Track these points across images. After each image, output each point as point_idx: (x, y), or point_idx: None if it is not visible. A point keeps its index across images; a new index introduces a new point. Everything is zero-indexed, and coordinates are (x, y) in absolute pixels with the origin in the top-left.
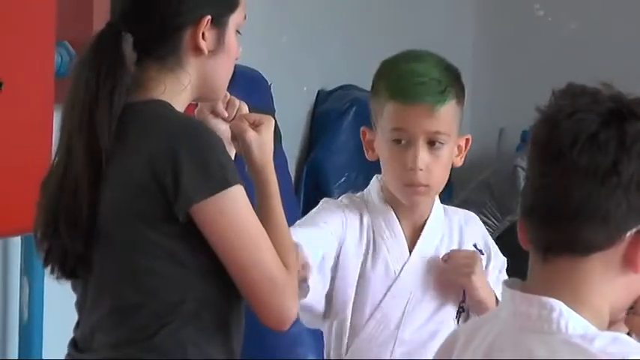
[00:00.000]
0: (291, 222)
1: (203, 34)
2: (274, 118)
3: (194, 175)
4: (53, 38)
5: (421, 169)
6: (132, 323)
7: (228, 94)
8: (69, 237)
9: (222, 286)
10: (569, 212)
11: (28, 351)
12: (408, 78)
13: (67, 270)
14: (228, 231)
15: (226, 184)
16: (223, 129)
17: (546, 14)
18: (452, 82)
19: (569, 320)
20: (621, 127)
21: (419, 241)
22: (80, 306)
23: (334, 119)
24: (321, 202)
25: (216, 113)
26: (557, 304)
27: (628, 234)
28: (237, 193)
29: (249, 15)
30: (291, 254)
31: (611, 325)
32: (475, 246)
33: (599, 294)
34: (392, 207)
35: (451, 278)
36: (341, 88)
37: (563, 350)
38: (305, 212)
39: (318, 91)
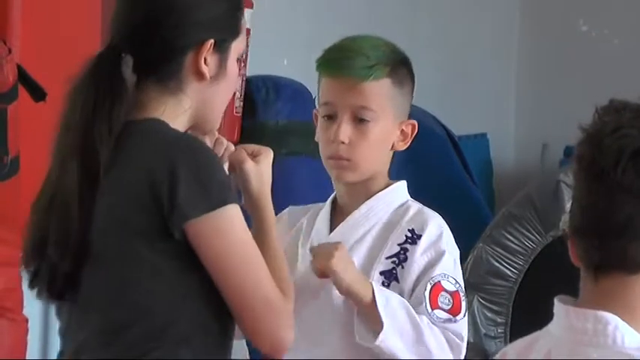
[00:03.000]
0: None
1: (205, 58)
2: (314, 133)
3: (192, 190)
4: (99, 47)
5: (343, 142)
6: (120, 343)
7: (217, 133)
8: (58, 254)
9: (214, 310)
10: (616, 231)
11: None
12: (336, 52)
13: (54, 291)
14: (225, 251)
15: (224, 202)
16: None
17: (590, 29)
18: (388, 62)
19: (625, 334)
20: None
21: (339, 226)
22: (65, 331)
23: None
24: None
25: None
26: (613, 319)
27: None
28: (234, 213)
29: (295, 27)
30: (288, 284)
31: None
32: (411, 230)
33: None
34: (336, 199)
35: (314, 267)
36: None
37: None
38: None
39: None
